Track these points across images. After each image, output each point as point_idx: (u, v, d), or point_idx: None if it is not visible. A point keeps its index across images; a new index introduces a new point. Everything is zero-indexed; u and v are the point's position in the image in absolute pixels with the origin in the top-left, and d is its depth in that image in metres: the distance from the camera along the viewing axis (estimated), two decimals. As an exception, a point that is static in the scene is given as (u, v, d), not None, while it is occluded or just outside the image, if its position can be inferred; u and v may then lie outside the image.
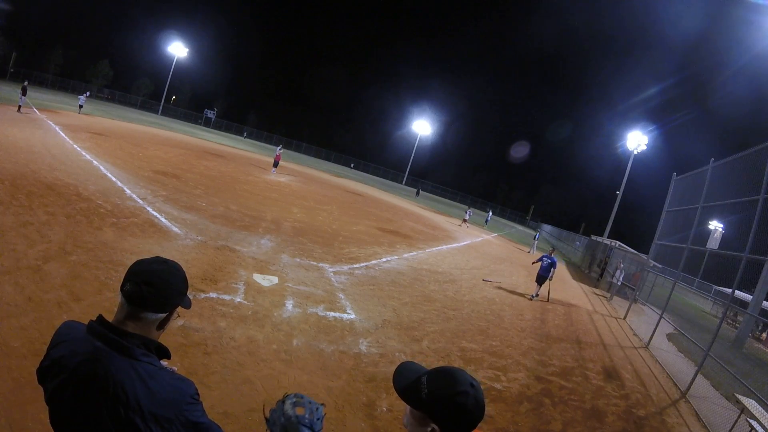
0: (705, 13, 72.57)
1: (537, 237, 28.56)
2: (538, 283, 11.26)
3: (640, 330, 11.07)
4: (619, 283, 16.01)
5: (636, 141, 35.08)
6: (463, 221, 28.15)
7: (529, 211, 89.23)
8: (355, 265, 8.63)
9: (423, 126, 76.73)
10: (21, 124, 16.00)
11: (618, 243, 22.80)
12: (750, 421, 5.46)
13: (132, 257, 5.32)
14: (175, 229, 7.44)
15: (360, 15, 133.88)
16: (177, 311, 1.30)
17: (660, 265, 13.59)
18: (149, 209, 8.24)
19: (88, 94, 32.99)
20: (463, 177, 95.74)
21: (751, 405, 5.74)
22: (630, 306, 13.07)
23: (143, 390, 1.11)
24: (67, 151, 12.36)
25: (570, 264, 27.03)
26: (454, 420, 1.06)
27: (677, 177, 12.34)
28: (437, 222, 25.76)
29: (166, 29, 63.65)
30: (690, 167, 11.44)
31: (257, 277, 6.20)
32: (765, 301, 12.58)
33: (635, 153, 34.96)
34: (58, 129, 16.90)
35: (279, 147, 26.20)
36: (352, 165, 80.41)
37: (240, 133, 75.82)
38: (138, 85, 71.47)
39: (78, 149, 13.14)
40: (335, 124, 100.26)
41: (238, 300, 5.21)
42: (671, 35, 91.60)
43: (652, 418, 5.64)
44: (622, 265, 16.58)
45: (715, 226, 22.35)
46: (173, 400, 1.15)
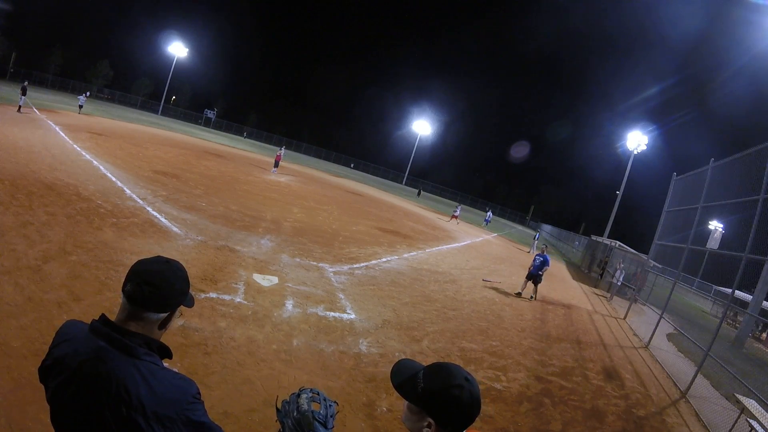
0: (705, 13, 72.62)
1: (537, 237, 28.57)
2: (527, 280, 11.09)
3: (640, 330, 11.07)
4: (619, 284, 16.01)
5: (636, 141, 35.12)
6: (453, 217, 28.79)
7: (529, 211, 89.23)
8: (355, 265, 8.63)
9: (423, 126, 76.82)
10: (21, 124, 16.00)
11: (618, 243, 22.81)
12: (750, 421, 5.45)
13: (132, 257, 5.33)
14: (175, 229, 7.44)
15: (360, 15, 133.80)
16: (179, 310, 1.30)
17: (660, 265, 13.60)
18: (149, 209, 8.25)
19: (87, 94, 33.00)
20: (463, 177, 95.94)
21: (751, 405, 5.74)
22: (630, 306, 13.07)
23: (145, 389, 1.12)
24: (67, 151, 12.37)
25: (570, 264, 27.03)
26: (449, 413, 1.08)
27: (677, 177, 12.34)
28: (428, 218, 25.88)
29: (166, 29, 63.77)
30: (690, 167, 11.44)
31: (257, 277, 6.20)
32: (765, 301, 12.59)
33: (635, 153, 35.00)
34: (58, 129, 16.90)
35: (281, 148, 26.52)
36: (352, 165, 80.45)
37: (240, 133, 75.82)
38: (138, 85, 71.50)
39: (78, 149, 13.14)
40: (335, 124, 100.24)
41: (238, 300, 5.22)
42: (671, 35, 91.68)
43: (652, 418, 5.64)
44: (622, 265, 16.59)
45: (715, 226, 22.37)
46: (175, 399, 1.15)
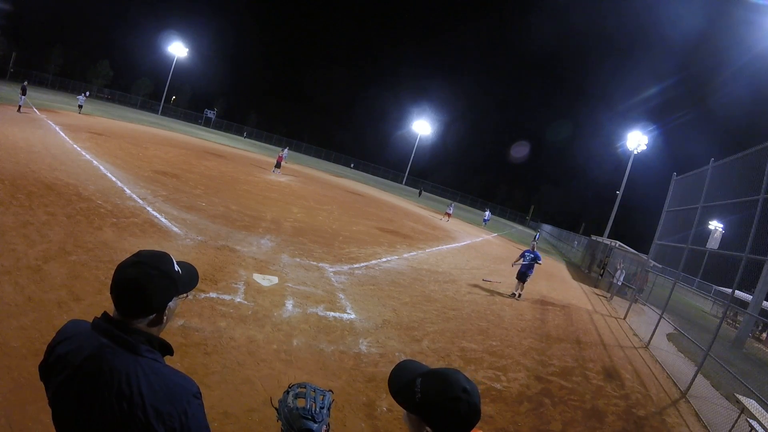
0: (705, 14, 72.68)
1: (537, 237, 28.66)
2: (519, 280, 10.58)
3: (640, 330, 11.07)
4: (620, 284, 16.01)
5: (636, 141, 35.12)
6: (446, 214, 29.20)
7: (529, 211, 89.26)
8: (355, 265, 8.63)
9: (423, 126, 76.76)
10: (21, 124, 16.00)
11: (618, 243, 22.83)
12: (750, 421, 5.45)
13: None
14: (175, 229, 7.44)
15: (360, 15, 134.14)
16: (177, 300, 1.28)
17: (660, 265, 13.60)
18: (149, 209, 8.24)
19: (87, 94, 33.00)
20: (463, 177, 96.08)
21: (751, 405, 5.74)
22: (630, 306, 13.07)
23: (147, 386, 1.12)
24: (67, 151, 12.36)
25: (570, 264, 27.03)
26: (447, 425, 1.07)
27: (677, 177, 12.34)
28: (428, 218, 25.91)
29: (166, 29, 63.73)
30: (690, 167, 11.45)
31: (257, 277, 6.20)
32: (765, 301, 12.57)
33: (635, 153, 35.00)
34: (58, 129, 16.90)
35: (284, 149, 26.78)
36: (352, 165, 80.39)
37: (240, 133, 75.79)
38: (138, 85, 71.49)
39: (78, 149, 13.13)
40: (335, 124, 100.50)
41: (238, 300, 5.22)
42: (671, 35, 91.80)
43: (652, 418, 5.64)
44: (622, 265, 16.59)
45: (715, 226, 22.33)
46: (176, 396, 1.15)
